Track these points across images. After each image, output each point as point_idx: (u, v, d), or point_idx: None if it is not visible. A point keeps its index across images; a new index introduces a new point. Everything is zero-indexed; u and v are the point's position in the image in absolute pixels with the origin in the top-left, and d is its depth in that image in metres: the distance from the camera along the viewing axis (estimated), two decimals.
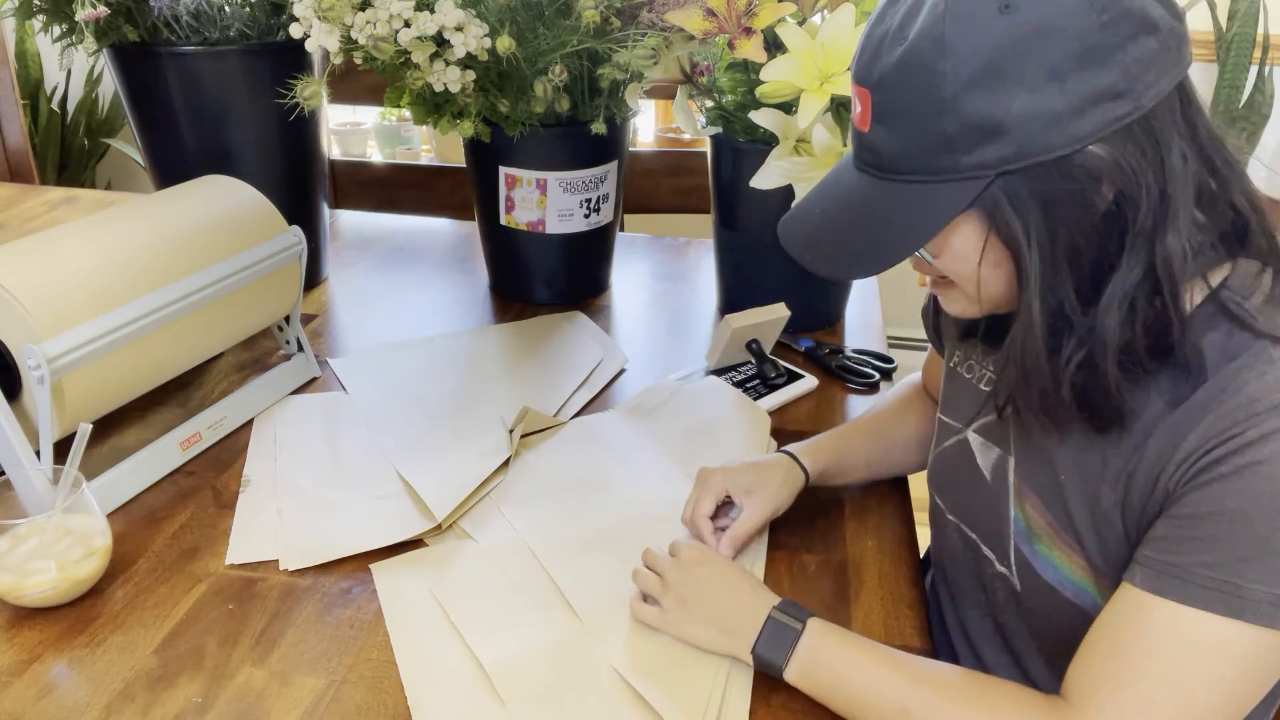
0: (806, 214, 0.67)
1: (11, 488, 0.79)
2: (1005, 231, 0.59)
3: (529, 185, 1.17)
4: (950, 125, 0.56)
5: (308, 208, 1.25)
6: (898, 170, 0.60)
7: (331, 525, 0.84)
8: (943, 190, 0.59)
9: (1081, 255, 0.59)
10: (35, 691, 0.68)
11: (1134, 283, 0.58)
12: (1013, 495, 0.72)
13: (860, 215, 0.63)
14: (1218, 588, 0.56)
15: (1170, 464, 0.60)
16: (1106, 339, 0.59)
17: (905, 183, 0.60)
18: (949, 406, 0.81)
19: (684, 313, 1.27)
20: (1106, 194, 0.57)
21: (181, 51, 1.08)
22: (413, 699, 0.67)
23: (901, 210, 0.61)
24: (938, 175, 0.58)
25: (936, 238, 0.61)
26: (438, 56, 0.99)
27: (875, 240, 0.62)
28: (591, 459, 0.94)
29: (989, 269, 0.62)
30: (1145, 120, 0.56)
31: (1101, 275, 0.59)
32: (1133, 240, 0.58)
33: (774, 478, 0.83)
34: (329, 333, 1.20)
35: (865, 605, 0.78)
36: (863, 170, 0.63)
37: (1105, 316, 0.59)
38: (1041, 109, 0.55)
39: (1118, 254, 0.58)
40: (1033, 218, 0.58)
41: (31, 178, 2.20)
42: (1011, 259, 0.60)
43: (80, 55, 1.11)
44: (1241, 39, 1.96)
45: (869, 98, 0.60)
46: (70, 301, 0.80)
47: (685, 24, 0.97)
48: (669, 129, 2.49)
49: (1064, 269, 0.59)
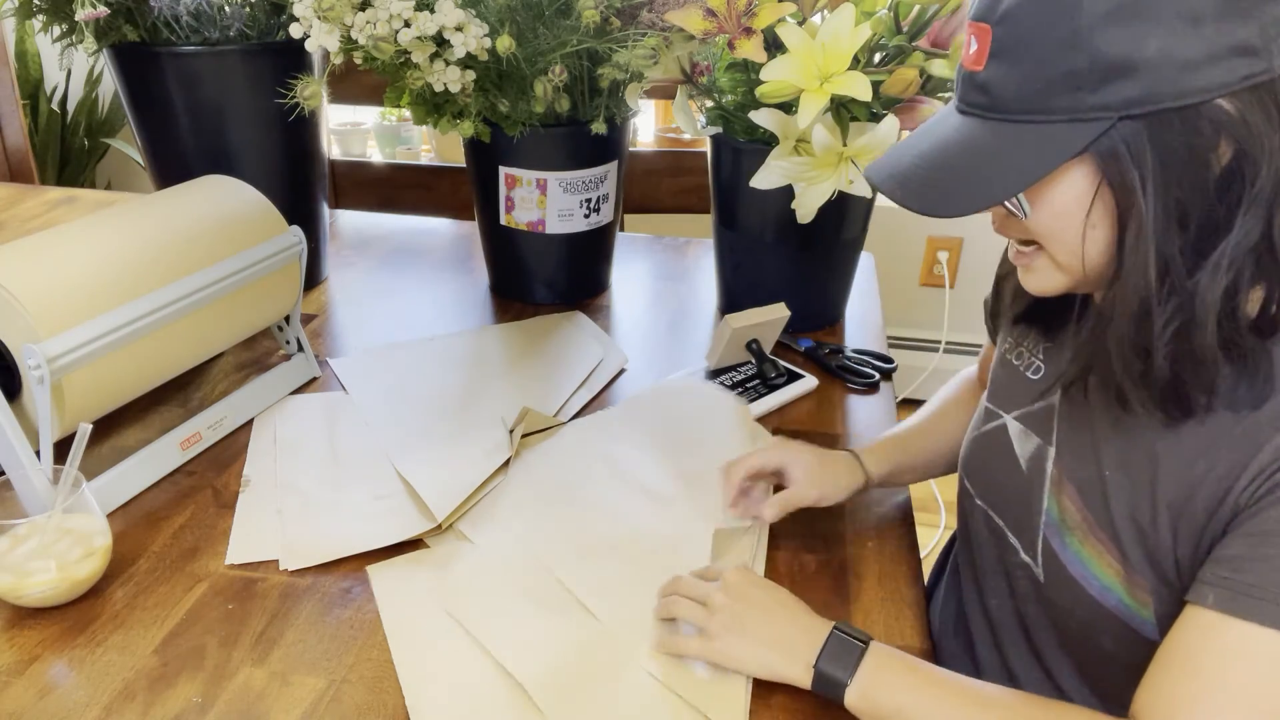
0: (900, 155, 0.63)
1: (11, 488, 0.79)
2: (1119, 183, 0.56)
3: (529, 185, 1.17)
4: (1080, 60, 0.54)
5: (308, 208, 1.25)
6: (1012, 110, 0.57)
7: (331, 525, 0.84)
8: (1060, 131, 0.56)
9: (1190, 215, 0.56)
10: (35, 691, 0.68)
11: (1246, 249, 0.56)
12: (1049, 486, 0.71)
13: (962, 154, 0.59)
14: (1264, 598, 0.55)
15: (1243, 477, 0.59)
16: (1208, 305, 0.56)
17: (1018, 123, 0.57)
18: (995, 393, 0.80)
19: (684, 313, 1.28)
20: (1225, 153, 0.55)
21: (181, 51, 1.08)
22: (411, 701, 0.67)
23: (1011, 150, 0.57)
24: (1057, 115, 0.55)
25: (1040, 186, 0.58)
26: (438, 56, 0.99)
27: (976, 178, 0.58)
28: (591, 460, 0.94)
29: (1089, 229, 0.59)
30: (1273, 84, 0.54)
31: (1208, 239, 0.56)
32: (1249, 205, 0.55)
33: (835, 466, 0.83)
34: (329, 333, 1.20)
35: (865, 605, 0.78)
36: (968, 113, 0.60)
37: (1211, 281, 0.56)
38: (1177, 52, 0.52)
39: (1229, 218, 0.56)
40: (1150, 168, 0.55)
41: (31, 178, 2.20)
42: (1115, 218, 0.58)
43: (80, 55, 1.11)
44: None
45: (989, 34, 0.57)
46: (70, 301, 0.80)
47: (685, 24, 0.97)
48: (669, 129, 2.49)
49: (1174, 228, 0.56)
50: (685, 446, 0.95)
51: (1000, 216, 0.64)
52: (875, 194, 1.07)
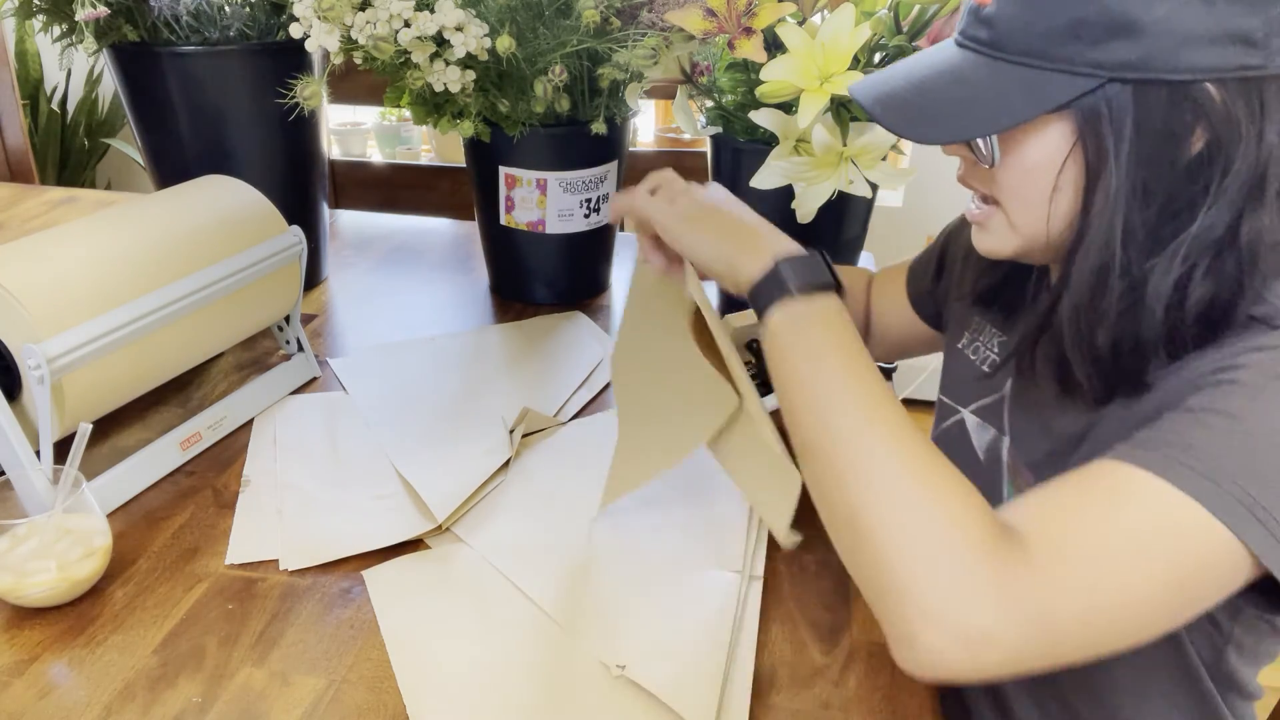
0: (890, 77, 0.63)
1: (11, 488, 0.79)
2: (1094, 145, 0.56)
3: (529, 185, 1.17)
4: (1087, 9, 0.54)
5: (308, 208, 1.25)
6: (1010, 49, 0.57)
7: (331, 525, 0.84)
8: (1051, 79, 0.56)
9: (1155, 195, 0.56)
10: (35, 691, 0.68)
11: (1205, 244, 0.56)
12: (1006, 474, 0.72)
13: (954, 84, 0.59)
14: (1194, 468, 0.52)
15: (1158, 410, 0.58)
16: (1159, 292, 0.57)
17: (1015, 64, 0.57)
18: (948, 386, 0.81)
19: None
20: (1199, 140, 0.55)
21: (181, 51, 1.08)
22: (410, 702, 0.67)
23: (1000, 89, 0.57)
24: (1053, 63, 0.55)
25: (1016, 135, 0.58)
26: (438, 56, 0.99)
27: (958, 111, 0.58)
28: (590, 462, 0.94)
29: (1055, 190, 0.59)
30: (1263, 83, 0.54)
31: (1168, 224, 0.56)
32: (1215, 198, 0.55)
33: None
34: (329, 333, 1.20)
35: (865, 605, 0.78)
36: (966, 47, 0.60)
37: (1166, 269, 0.56)
38: (1181, 23, 0.52)
39: (1192, 208, 0.56)
40: (1127, 137, 0.55)
41: (31, 178, 2.21)
42: (1080, 188, 0.58)
43: (80, 55, 1.11)
44: None
45: None
46: (70, 301, 0.80)
47: (685, 24, 0.97)
48: (669, 129, 2.49)
49: (1138, 203, 0.56)
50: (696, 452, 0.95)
51: (968, 164, 0.64)
52: (875, 194, 1.07)
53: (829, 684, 0.70)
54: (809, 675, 0.71)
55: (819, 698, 0.69)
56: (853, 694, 0.69)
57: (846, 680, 0.70)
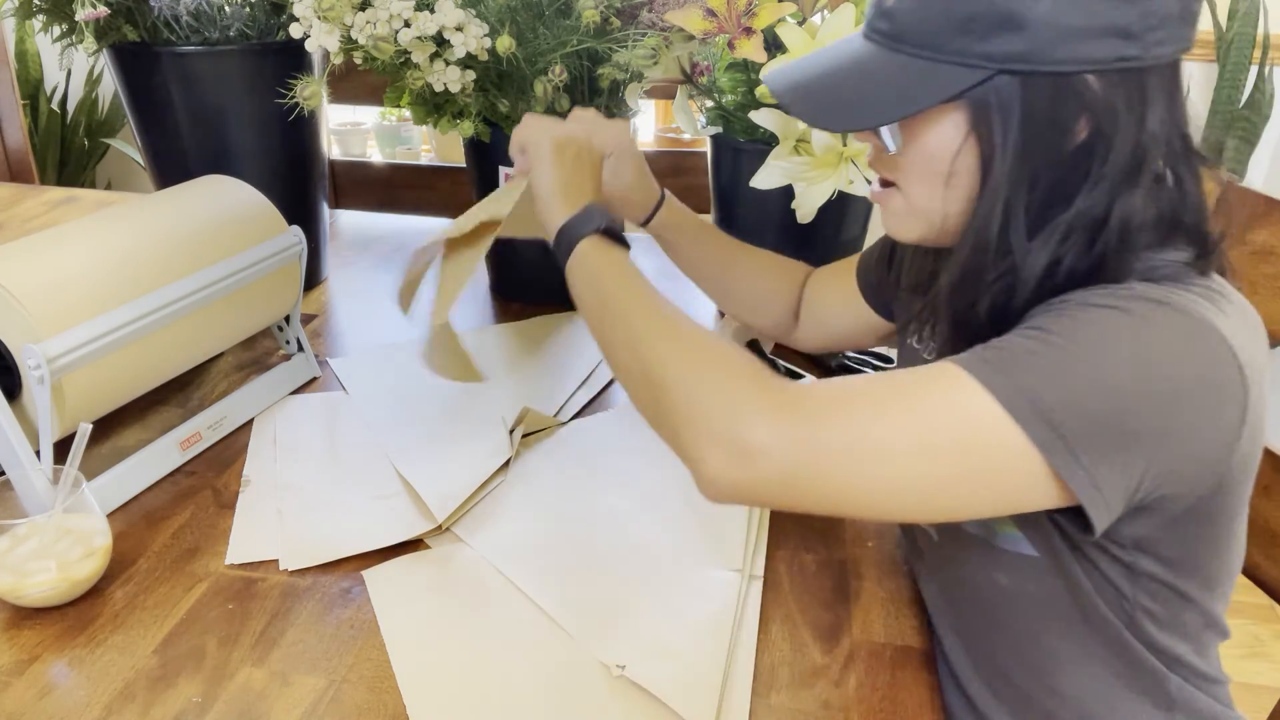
0: (803, 67, 0.67)
1: (11, 488, 0.79)
2: (984, 134, 0.60)
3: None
4: (978, 5, 0.57)
5: (308, 208, 1.25)
6: (909, 41, 0.60)
7: (331, 525, 0.84)
8: (946, 71, 0.59)
9: (1040, 181, 0.59)
10: (35, 691, 0.68)
11: (1080, 227, 0.59)
12: None
13: (857, 75, 0.63)
14: (994, 362, 0.56)
15: None
16: (1034, 270, 0.60)
17: (912, 55, 0.60)
18: None
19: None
20: (1082, 129, 0.58)
21: (181, 51, 1.08)
22: (410, 702, 0.67)
23: (898, 78, 0.61)
24: (946, 55, 0.59)
25: (915, 123, 0.62)
26: (438, 56, 0.99)
27: (865, 99, 0.62)
28: (589, 463, 0.94)
29: (950, 175, 0.62)
30: (1142, 73, 0.57)
31: (1050, 208, 0.60)
32: (1094, 183, 0.59)
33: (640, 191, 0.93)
34: (329, 333, 1.20)
35: (865, 605, 0.78)
36: (871, 39, 0.63)
37: (1042, 248, 0.60)
38: (1061, 18, 0.55)
39: (1072, 192, 0.59)
40: (1014, 126, 0.58)
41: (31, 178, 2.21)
42: (977, 171, 0.61)
43: (80, 55, 1.11)
44: (1241, 39, 1.96)
45: None
46: (70, 301, 0.80)
47: (685, 24, 0.97)
48: (669, 129, 2.49)
49: (1023, 188, 0.60)
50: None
51: (876, 149, 0.67)
52: None
53: (829, 684, 0.70)
54: (809, 675, 0.71)
55: (819, 698, 0.69)
56: (853, 694, 0.69)
57: (846, 680, 0.70)
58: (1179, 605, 0.66)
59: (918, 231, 0.67)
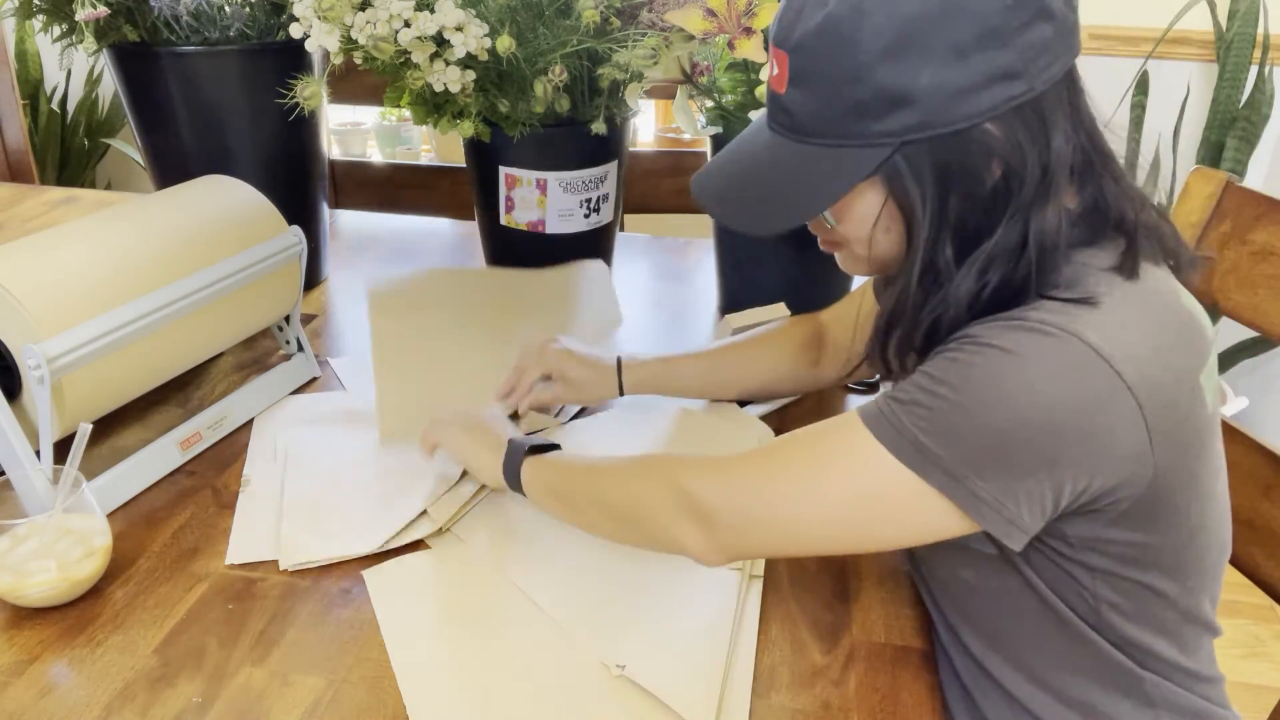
0: (719, 170, 0.69)
1: (11, 488, 0.79)
2: (902, 198, 0.62)
3: (529, 185, 1.17)
4: (863, 93, 0.59)
5: (308, 208, 1.25)
6: (811, 132, 0.63)
7: (331, 525, 0.84)
8: (851, 155, 0.61)
9: (966, 223, 0.62)
10: (35, 691, 0.68)
11: (1001, 250, 0.61)
12: None
13: (771, 173, 0.65)
14: (889, 415, 0.61)
15: None
16: (961, 298, 0.62)
17: (817, 145, 0.63)
18: None
19: (684, 313, 1.27)
20: (996, 169, 0.60)
21: (181, 51, 1.08)
22: (410, 702, 0.67)
23: (812, 171, 0.63)
24: (848, 140, 0.61)
25: (839, 202, 0.64)
26: (438, 56, 0.99)
27: (785, 198, 0.65)
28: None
29: (881, 232, 0.65)
30: (1036, 102, 0.59)
31: (973, 243, 0.62)
32: (1012, 213, 0.61)
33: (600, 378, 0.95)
34: (329, 333, 1.20)
35: (865, 605, 0.78)
36: (776, 130, 0.65)
37: (966, 278, 0.62)
38: (946, 82, 0.58)
39: (993, 225, 0.62)
40: (928, 186, 0.61)
41: (31, 178, 2.21)
42: (904, 223, 0.64)
43: (80, 55, 1.11)
44: (1241, 39, 1.96)
45: (787, 60, 0.62)
46: (70, 301, 0.80)
47: (685, 24, 0.97)
48: (669, 129, 2.49)
49: (947, 235, 0.62)
50: (685, 447, 0.95)
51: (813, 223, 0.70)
52: None
53: (829, 684, 0.70)
54: (809, 675, 0.71)
55: (819, 698, 0.69)
56: (853, 694, 0.69)
57: (846, 680, 0.70)
58: (1146, 598, 0.67)
59: (870, 272, 0.72)
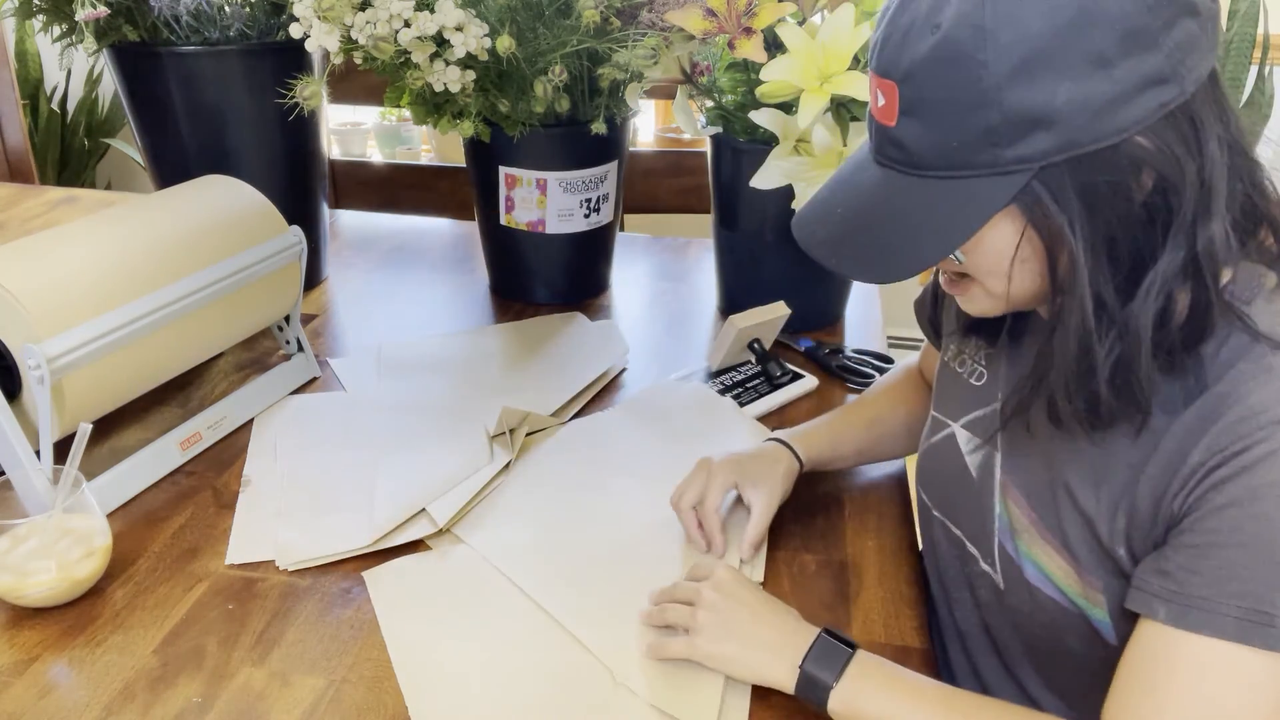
0: (826, 214, 0.63)
1: (11, 488, 0.79)
2: (1045, 226, 0.56)
3: (529, 185, 1.17)
4: (992, 118, 0.53)
5: (308, 208, 1.25)
6: (930, 166, 0.57)
7: (331, 525, 0.84)
8: (981, 185, 0.56)
9: (1120, 246, 0.56)
10: (35, 691, 0.68)
11: (1174, 272, 0.56)
12: (998, 491, 0.72)
13: (890, 214, 0.59)
14: (1249, 618, 0.54)
15: (1176, 479, 0.59)
16: (1142, 332, 0.57)
17: (939, 179, 0.57)
18: (940, 401, 0.81)
19: (684, 313, 1.27)
20: (1147, 182, 0.55)
21: (181, 51, 1.08)
22: (411, 702, 0.67)
23: (936, 208, 0.57)
24: (976, 170, 0.55)
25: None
26: (438, 56, 0.99)
27: (909, 240, 0.58)
28: (589, 462, 0.94)
29: (1019, 264, 0.59)
30: (1187, 106, 0.54)
31: (1139, 266, 0.57)
32: (1176, 230, 0.56)
33: (777, 468, 0.82)
34: (329, 333, 1.20)
35: (865, 605, 0.78)
36: (886, 165, 0.60)
37: (1141, 309, 0.57)
38: (1089, 98, 0.52)
39: (1158, 244, 0.56)
40: (1076, 211, 0.55)
41: (31, 178, 2.20)
42: (1044, 254, 0.58)
43: (80, 55, 1.11)
44: (1241, 39, 1.96)
45: (895, 90, 0.56)
46: (70, 301, 0.80)
47: (685, 24, 0.97)
48: (669, 129, 2.49)
49: (1104, 263, 0.56)
50: (685, 448, 0.95)
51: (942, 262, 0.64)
52: None
53: None
54: None
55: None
56: None
57: None
58: None
59: (998, 310, 0.65)
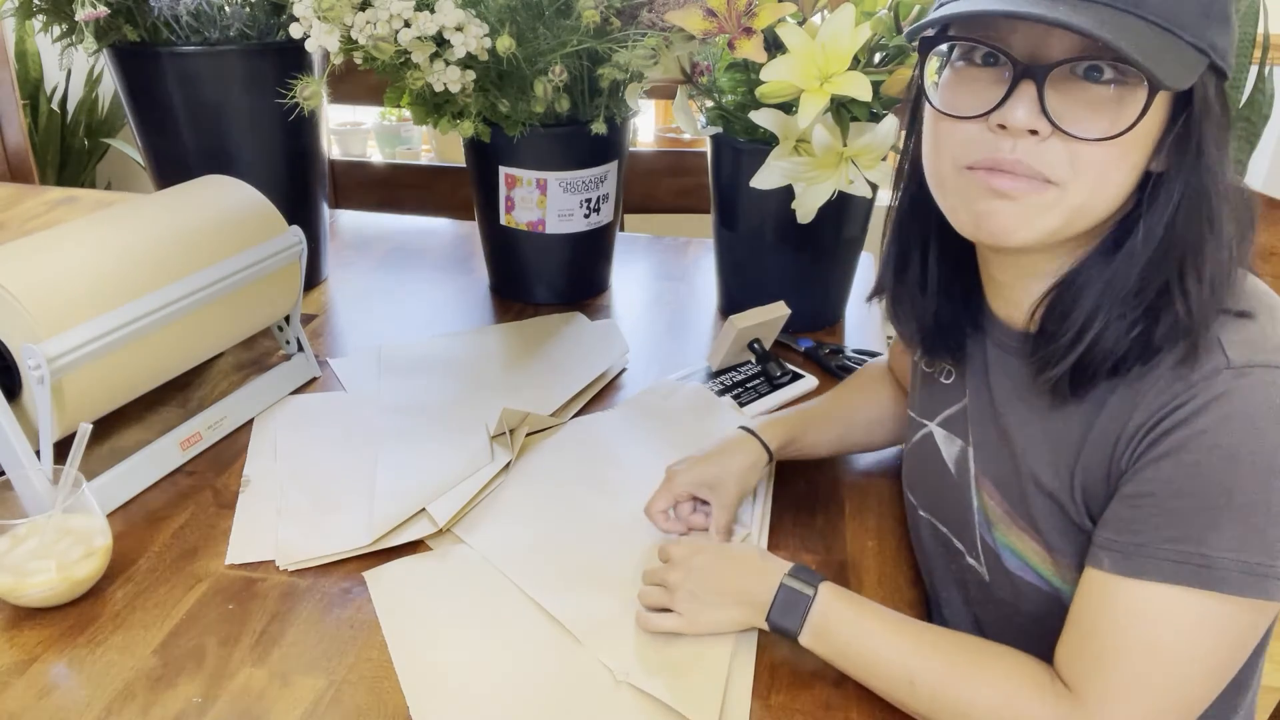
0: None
1: (11, 488, 0.79)
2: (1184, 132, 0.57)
3: (529, 185, 1.17)
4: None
5: (308, 208, 1.25)
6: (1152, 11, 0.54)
7: (331, 525, 0.84)
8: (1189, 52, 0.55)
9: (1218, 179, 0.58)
10: (35, 691, 0.68)
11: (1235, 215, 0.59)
12: (974, 484, 0.74)
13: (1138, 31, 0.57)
14: (1186, 560, 0.57)
15: (1120, 441, 0.61)
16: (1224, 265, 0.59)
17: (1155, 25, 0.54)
18: (916, 403, 0.83)
19: (684, 313, 1.27)
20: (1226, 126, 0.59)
21: (181, 51, 1.08)
22: (412, 702, 0.67)
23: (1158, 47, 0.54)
24: (1188, 34, 0.55)
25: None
26: (438, 56, 0.99)
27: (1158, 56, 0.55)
28: (589, 462, 0.94)
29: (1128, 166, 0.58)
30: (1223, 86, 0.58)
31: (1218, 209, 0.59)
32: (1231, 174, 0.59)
33: (736, 462, 0.84)
34: (329, 333, 1.20)
35: None
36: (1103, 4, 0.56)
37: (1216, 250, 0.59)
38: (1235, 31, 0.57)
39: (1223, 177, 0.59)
40: (1210, 129, 0.57)
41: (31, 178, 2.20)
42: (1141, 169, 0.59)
43: (80, 55, 1.11)
44: (1241, 39, 1.96)
45: None
46: (70, 301, 0.80)
47: (685, 24, 0.97)
48: (669, 129, 2.49)
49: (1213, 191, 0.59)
50: (684, 448, 0.95)
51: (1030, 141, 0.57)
52: (875, 194, 1.07)
53: (829, 684, 0.70)
54: (809, 675, 0.71)
55: (819, 698, 0.69)
56: (853, 694, 0.69)
57: (846, 680, 0.70)
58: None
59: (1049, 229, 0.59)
